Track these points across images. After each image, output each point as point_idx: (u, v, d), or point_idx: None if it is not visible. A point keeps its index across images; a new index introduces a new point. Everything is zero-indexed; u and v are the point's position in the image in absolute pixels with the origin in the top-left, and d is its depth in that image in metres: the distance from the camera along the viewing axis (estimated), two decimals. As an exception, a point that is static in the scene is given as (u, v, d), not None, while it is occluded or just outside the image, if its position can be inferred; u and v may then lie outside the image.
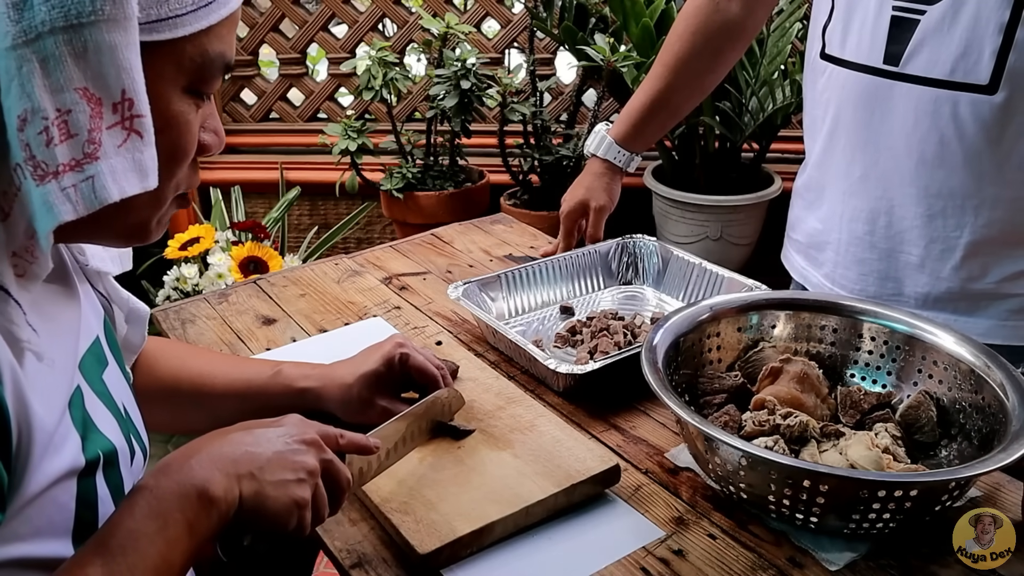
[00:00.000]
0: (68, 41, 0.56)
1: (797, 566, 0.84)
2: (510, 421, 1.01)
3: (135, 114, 0.59)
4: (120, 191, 0.59)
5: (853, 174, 1.18)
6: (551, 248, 1.49)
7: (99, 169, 0.58)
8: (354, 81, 2.90)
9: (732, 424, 0.96)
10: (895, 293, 1.18)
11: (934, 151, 1.08)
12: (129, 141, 0.60)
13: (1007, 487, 0.94)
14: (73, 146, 0.57)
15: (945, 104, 1.05)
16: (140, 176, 0.61)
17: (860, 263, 1.20)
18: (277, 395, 1.01)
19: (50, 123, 0.56)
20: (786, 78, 2.48)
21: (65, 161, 0.57)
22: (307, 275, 1.47)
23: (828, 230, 1.24)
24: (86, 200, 0.58)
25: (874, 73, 1.10)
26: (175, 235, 2.30)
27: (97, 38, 0.56)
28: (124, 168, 0.60)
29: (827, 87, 1.19)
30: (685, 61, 1.36)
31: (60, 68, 0.56)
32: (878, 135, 1.12)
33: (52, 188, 0.57)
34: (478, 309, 1.23)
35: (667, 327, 1.02)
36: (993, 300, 1.12)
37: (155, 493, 0.69)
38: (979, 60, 1.02)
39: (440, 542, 0.83)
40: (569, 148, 2.71)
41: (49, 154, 0.56)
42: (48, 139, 0.56)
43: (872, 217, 1.17)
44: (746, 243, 2.62)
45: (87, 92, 0.57)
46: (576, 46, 2.54)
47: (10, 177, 0.59)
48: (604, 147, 1.44)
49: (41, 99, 0.55)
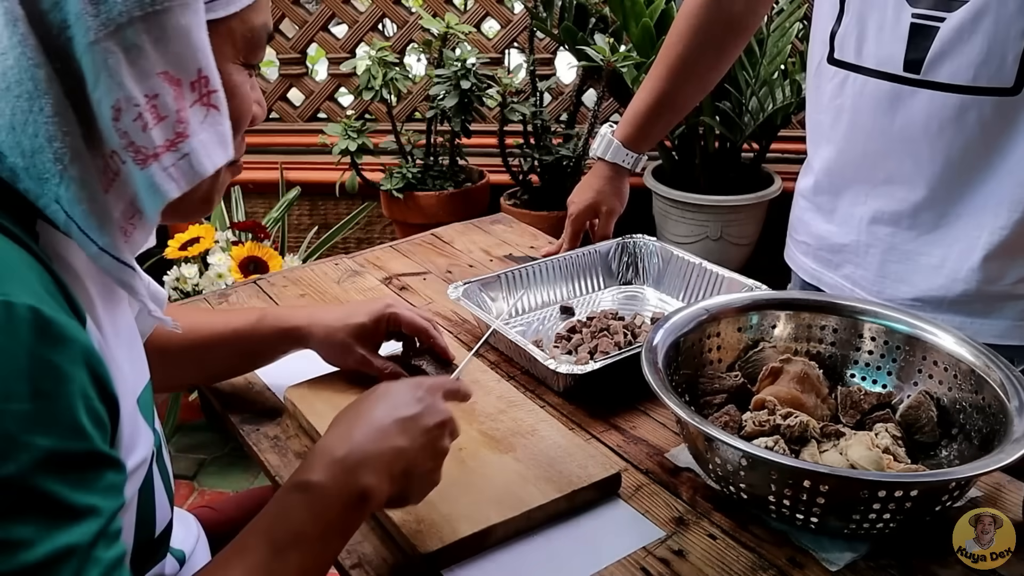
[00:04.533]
0: (147, 29, 0.59)
1: (797, 566, 0.84)
2: (512, 425, 1.01)
3: (211, 89, 0.63)
4: (213, 164, 0.64)
5: (875, 178, 1.17)
6: (553, 248, 1.49)
7: (192, 146, 0.62)
8: (354, 81, 2.89)
9: (732, 424, 0.96)
10: (912, 296, 1.17)
11: (959, 155, 1.07)
12: (210, 116, 0.64)
13: (1007, 487, 0.94)
14: (166, 128, 0.61)
15: (970, 109, 1.04)
16: (223, 147, 0.65)
17: (880, 265, 1.20)
18: (265, 336, 1.05)
19: (143, 109, 0.59)
20: (786, 78, 2.48)
21: (161, 143, 0.61)
22: (307, 275, 1.47)
23: (845, 233, 1.23)
24: (187, 176, 0.62)
25: (894, 80, 1.09)
26: (175, 235, 2.30)
27: (173, 23, 0.59)
28: (211, 141, 0.64)
29: (839, 93, 1.18)
30: (687, 59, 1.36)
31: (143, 56, 0.59)
32: (900, 140, 1.11)
33: (155, 170, 0.61)
34: (478, 309, 1.23)
35: (667, 327, 1.02)
36: (1008, 301, 1.12)
37: (322, 494, 0.73)
38: (1002, 65, 1.01)
39: (441, 543, 0.83)
40: (569, 148, 2.71)
41: (147, 138, 0.60)
42: (144, 124, 0.59)
43: (894, 219, 1.17)
44: (746, 243, 2.62)
45: (168, 75, 0.60)
46: (576, 46, 2.54)
47: (105, 164, 0.62)
48: (612, 151, 1.44)
49: (131, 88, 0.59)
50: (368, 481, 0.74)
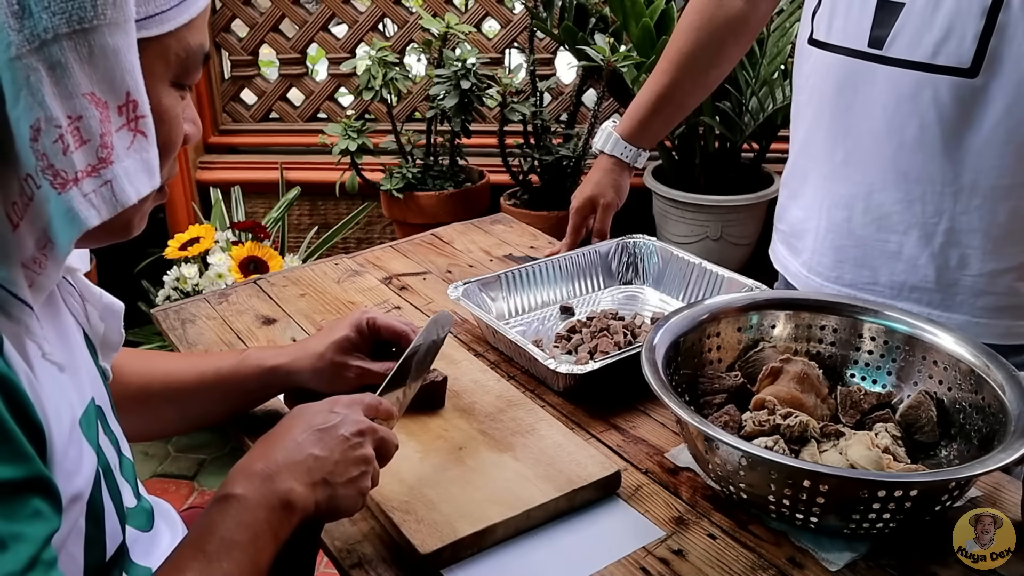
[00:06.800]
0: (74, 47, 0.55)
1: (797, 566, 0.84)
2: (511, 424, 1.01)
3: (139, 115, 0.60)
4: (136, 192, 0.60)
5: (835, 159, 1.18)
6: (555, 248, 1.49)
7: (115, 172, 0.59)
8: (354, 81, 2.89)
9: (732, 424, 0.96)
10: (870, 281, 1.18)
11: (914, 135, 1.08)
12: (136, 142, 0.60)
13: (1007, 487, 0.94)
14: (88, 152, 0.57)
15: (926, 87, 1.05)
16: (149, 175, 0.62)
17: (837, 250, 1.20)
18: (248, 377, 1.02)
19: (64, 130, 0.56)
20: (786, 78, 2.48)
21: (83, 168, 0.57)
22: (307, 275, 1.47)
23: (808, 217, 1.25)
24: (108, 204, 0.58)
25: (858, 56, 1.11)
26: (175, 235, 2.30)
27: (101, 42, 0.56)
28: (136, 169, 0.60)
29: (812, 72, 1.20)
30: (690, 56, 1.36)
31: (68, 75, 0.55)
32: (859, 119, 1.13)
33: (74, 195, 0.57)
34: (478, 309, 1.23)
35: (667, 327, 1.02)
36: (968, 296, 1.12)
37: (244, 504, 0.73)
38: (961, 43, 1.02)
39: (441, 542, 0.83)
40: (569, 148, 2.71)
41: (67, 161, 0.56)
42: (64, 147, 0.56)
43: (850, 203, 1.17)
44: (746, 243, 2.62)
45: (94, 97, 0.57)
46: (576, 46, 2.54)
47: (20, 188, 0.58)
48: (611, 143, 1.45)
49: (52, 107, 0.55)
50: (287, 486, 0.75)
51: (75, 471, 0.67)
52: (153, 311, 1.36)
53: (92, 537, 0.72)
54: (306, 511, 0.77)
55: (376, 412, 0.86)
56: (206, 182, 2.99)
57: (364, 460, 0.81)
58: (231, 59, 3.16)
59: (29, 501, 0.58)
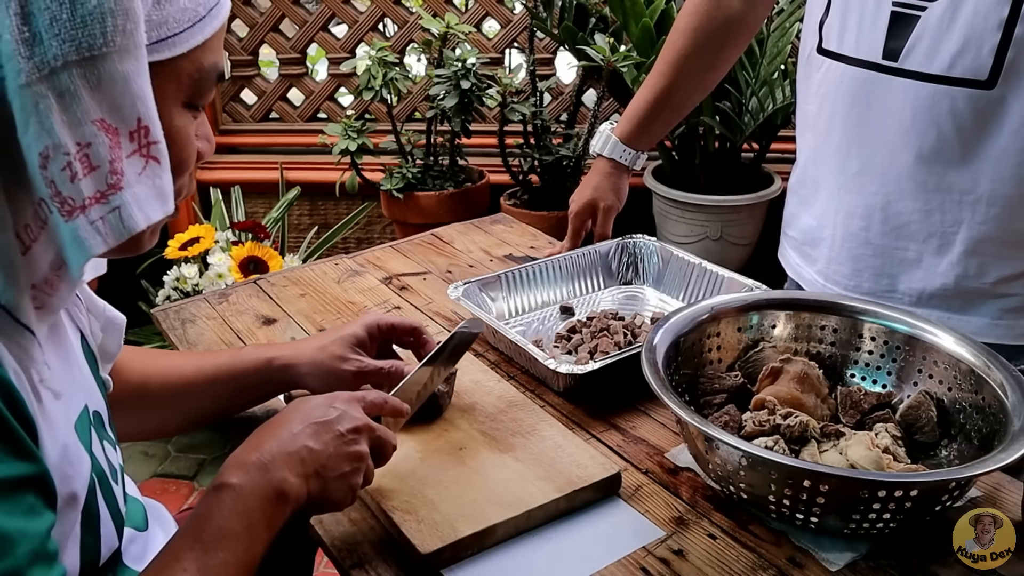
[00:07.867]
0: (83, 75, 0.55)
1: (797, 566, 0.84)
2: (512, 425, 1.01)
3: (151, 140, 0.60)
4: (146, 219, 0.60)
5: (849, 169, 1.18)
6: (555, 249, 1.49)
7: (124, 199, 0.58)
8: (354, 81, 2.89)
9: (732, 424, 0.96)
10: (889, 290, 1.18)
11: (932, 146, 1.08)
12: (148, 168, 0.60)
13: (1007, 487, 0.94)
14: (97, 179, 0.57)
15: (943, 99, 1.05)
16: (161, 201, 0.61)
17: (855, 259, 1.20)
18: (246, 370, 1.02)
19: (72, 158, 0.56)
20: (786, 78, 2.48)
21: (90, 195, 0.57)
22: (307, 275, 1.47)
23: (822, 226, 1.24)
24: (115, 231, 0.58)
25: (872, 68, 1.10)
26: (175, 235, 2.30)
27: (111, 69, 0.56)
28: (147, 195, 0.60)
29: (823, 82, 1.19)
30: (687, 58, 1.36)
31: (77, 102, 0.55)
32: (875, 130, 1.12)
33: (81, 223, 0.57)
34: (478, 309, 1.23)
35: (667, 327, 1.02)
36: (987, 299, 1.13)
37: (239, 493, 0.74)
38: (978, 56, 1.02)
39: (442, 542, 0.83)
40: (569, 148, 2.71)
41: (74, 189, 0.56)
42: (72, 174, 0.56)
43: (868, 212, 1.17)
44: (746, 243, 2.62)
45: (104, 123, 0.57)
46: (576, 46, 2.54)
47: (34, 212, 0.59)
48: (609, 146, 1.45)
49: (61, 135, 0.55)
50: (281, 476, 0.76)
51: (71, 475, 0.68)
52: (153, 311, 1.36)
53: (87, 544, 0.72)
54: (299, 502, 0.78)
55: (380, 410, 0.87)
56: (206, 182, 2.99)
57: (357, 457, 0.82)
58: (231, 59, 3.16)
59: (24, 497, 0.59)
